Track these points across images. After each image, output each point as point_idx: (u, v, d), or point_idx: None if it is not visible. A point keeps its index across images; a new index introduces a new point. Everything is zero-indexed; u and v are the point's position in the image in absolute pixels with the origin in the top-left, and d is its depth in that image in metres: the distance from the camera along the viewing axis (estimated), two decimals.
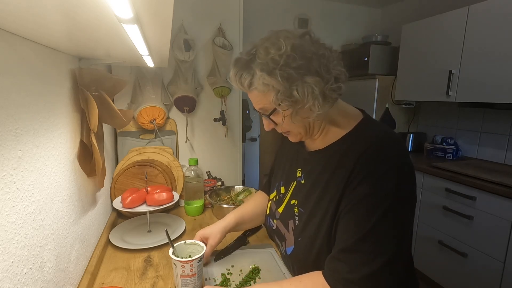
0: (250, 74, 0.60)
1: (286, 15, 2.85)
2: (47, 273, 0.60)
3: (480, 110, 2.21)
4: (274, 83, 0.57)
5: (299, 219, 0.71)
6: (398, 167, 0.58)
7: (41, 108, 0.60)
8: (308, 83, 0.57)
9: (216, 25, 1.54)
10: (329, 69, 0.59)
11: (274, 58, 0.56)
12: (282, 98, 0.58)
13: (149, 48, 0.70)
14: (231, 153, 1.72)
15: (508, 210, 1.57)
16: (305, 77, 0.57)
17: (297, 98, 0.58)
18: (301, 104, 0.59)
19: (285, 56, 0.56)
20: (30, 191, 0.54)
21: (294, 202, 0.74)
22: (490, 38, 1.82)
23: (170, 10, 0.41)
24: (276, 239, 0.81)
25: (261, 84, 0.58)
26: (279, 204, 0.80)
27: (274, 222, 0.81)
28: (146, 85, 1.39)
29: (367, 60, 2.54)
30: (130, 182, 1.24)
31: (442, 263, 1.95)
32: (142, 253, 0.96)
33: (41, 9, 0.36)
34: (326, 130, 0.68)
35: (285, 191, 0.79)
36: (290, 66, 0.56)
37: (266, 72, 0.57)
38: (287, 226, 0.74)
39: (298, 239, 0.70)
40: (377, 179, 0.57)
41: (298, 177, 0.75)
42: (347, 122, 0.66)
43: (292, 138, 0.71)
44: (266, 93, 0.60)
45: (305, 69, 0.57)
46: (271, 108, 0.62)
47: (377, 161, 0.58)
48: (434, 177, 1.97)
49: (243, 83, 0.61)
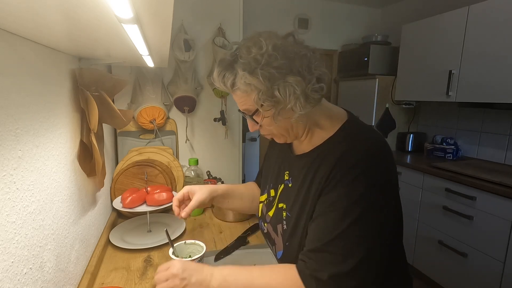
0: (233, 74, 0.59)
1: (286, 15, 2.85)
2: (47, 273, 0.60)
3: (480, 110, 2.21)
4: (255, 83, 0.57)
5: (287, 223, 0.70)
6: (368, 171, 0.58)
7: (41, 108, 0.60)
8: (289, 83, 0.57)
9: (216, 25, 1.54)
10: (311, 69, 0.59)
11: (255, 58, 0.56)
12: (264, 98, 0.58)
13: (149, 48, 0.70)
14: (231, 153, 1.72)
15: (508, 210, 1.57)
16: (286, 77, 0.57)
17: (278, 98, 0.57)
18: (283, 104, 0.59)
19: (266, 56, 0.56)
20: (30, 191, 0.54)
21: (282, 205, 0.74)
22: (490, 38, 1.82)
23: (170, 10, 0.41)
24: (268, 242, 0.81)
25: (243, 84, 0.58)
26: (270, 207, 0.80)
27: (265, 225, 0.81)
28: (146, 85, 1.39)
29: (367, 60, 2.54)
30: (130, 182, 1.24)
31: (442, 263, 1.95)
32: (142, 253, 0.96)
33: (41, 9, 0.36)
34: (311, 132, 0.68)
35: (275, 194, 0.79)
36: (272, 66, 0.56)
37: (248, 72, 0.56)
38: (276, 230, 0.74)
39: (286, 243, 0.70)
40: (348, 183, 0.57)
41: (285, 179, 0.75)
42: (331, 125, 0.66)
43: (277, 139, 0.70)
44: (249, 93, 0.59)
45: (287, 68, 0.57)
46: (254, 109, 0.62)
47: (350, 165, 0.58)
48: (434, 177, 1.97)
49: (226, 83, 0.61)
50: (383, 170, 0.60)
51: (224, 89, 0.63)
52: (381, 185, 0.59)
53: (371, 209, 0.57)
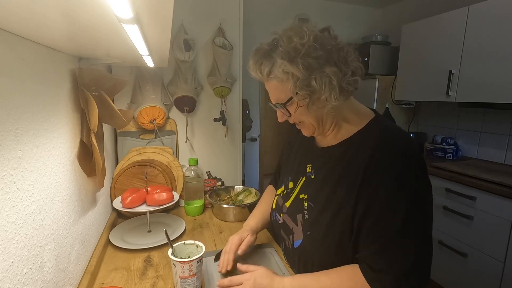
0: (271, 62, 0.61)
1: (286, 15, 2.85)
2: (47, 273, 0.60)
3: (480, 110, 2.21)
4: (294, 71, 0.58)
5: (308, 213, 0.71)
6: (411, 161, 0.59)
7: (41, 108, 0.60)
8: (326, 74, 0.58)
9: (216, 25, 1.54)
10: (347, 62, 0.61)
11: (296, 47, 0.58)
12: (301, 87, 0.59)
13: (149, 48, 0.70)
14: (231, 153, 1.72)
15: (508, 210, 1.57)
16: (324, 68, 0.58)
17: (315, 88, 0.59)
18: (318, 94, 0.60)
19: (306, 46, 0.58)
20: (30, 191, 0.54)
21: (303, 196, 0.75)
22: (490, 38, 1.82)
23: (170, 10, 0.41)
24: (282, 232, 0.82)
25: (281, 72, 0.59)
26: (287, 198, 0.81)
27: (281, 216, 0.82)
28: (146, 85, 1.39)
29: (367, 60, 2.54)
30: (130, 182, 1.24)
31: (442, 263, 1.95)
32: (142, 253, 0.96)
33: (41, 9, 0.36)
34: (338, 126, 0.69)
35: (294, 186, 0.80)
36: (311, 56, 0.58)
37: (287, 60, 0.58)
38: (296, 220, 0.75)
39: (307, 232, 0.70)
40: (396, 175, 0.58)
41: (308, 172, 0.76)
42: (359, 120, 0.68)
43: (305, 131, 0.72)
44: (285, 82, 0.61)
45: (325, 60, 0.59)
46: (287, 97, 0.63)
47: (391, 157, 0.59)
48: (434, 177, 1.97)
49: (262, 71, 0.62)
50: (425, 166, 0.61)
51: (259, 77, 0.64)
52: (423, 172, 0.60)
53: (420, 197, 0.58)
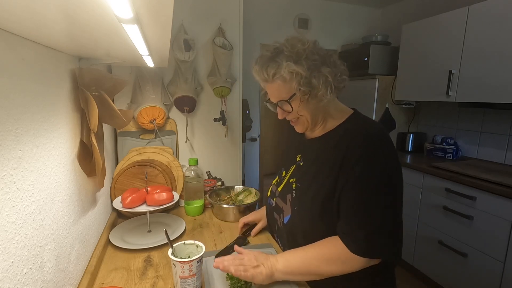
0: (276, 65, 0.72)
1: (286, 15, 2.85)
2: (47, 273, 0.60)
3: (480, 110, 2.21)
4: (300, 70, 0.70)
5: (296, 192, 0.83)
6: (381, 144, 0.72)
7: (41, 108, 0.60)
8: (323, 73, 0.72)
9: (216, 25, 1.54)
10: (336, 65, 0.75)
11: (299, 51, 0.71)
12: (303, 84, 0.71)
13: (149, 48, 0.70)
14: (231, 153, 1.72)
15: (508, 210, 1.57)
16: (321, 68, 0.72)
17: (314, 85, 0.71)
18: (316, 91, 0.72)
19: (307, 50, 0.71)
20: (30, 191, 0.54)
21: (292, 180, 0.87)
22: (490, 38, 1.82)
23: (170, 10, 0.41)
24: (275, 214, 0.92)
25: (287, 72, 0.70)
26: (279, 184, 0.93)
27: (274, 200, 0.93)
28: (146, 85, 1.39)
29: (367, 60, 2.54)
30: (130, 182, 1.24)
31: (442, 263, 1.95)
32: (142, 253, 0.96)
33: (41, 8, 0.36)
34: (325, 121, 0.82)
35: (285, 174, 0.93)
36: (311, 59, 0.71)
37: (293, 61, 0.70)
38: (285, 199, 0.87)
39: (294, 208, 0.82)
40: (368, 155, 0.71)
41: (297, 161, 0.89)
42: (341, 115, 0.82)
43: (298, 127, 0.84)
44: (288, 81, 0.72)
45: (321, 62, 0.72)
46: (290, 94, 0.74)
47: (364, 141, 0.72)
48: (434, 177, 1.97)
49: (268, 73, 0.73)
50: (393, 148, 0.74)
51: (264, 78, 0.75)
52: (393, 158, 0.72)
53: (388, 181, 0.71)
